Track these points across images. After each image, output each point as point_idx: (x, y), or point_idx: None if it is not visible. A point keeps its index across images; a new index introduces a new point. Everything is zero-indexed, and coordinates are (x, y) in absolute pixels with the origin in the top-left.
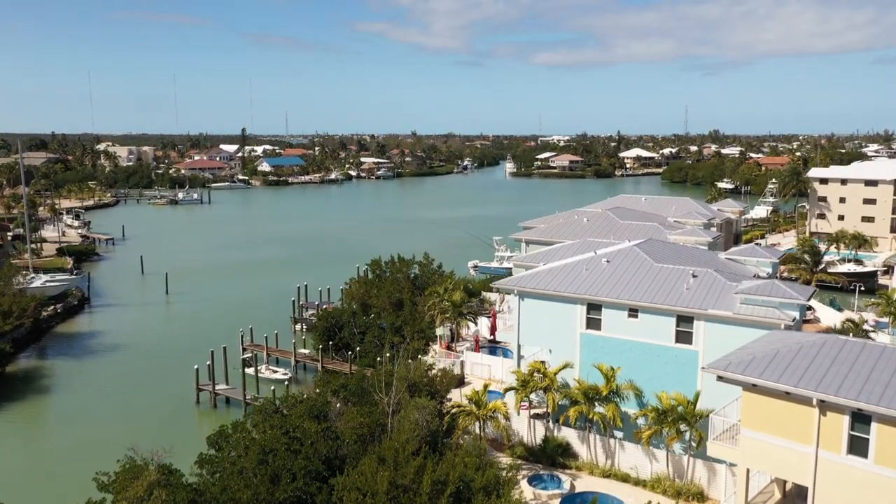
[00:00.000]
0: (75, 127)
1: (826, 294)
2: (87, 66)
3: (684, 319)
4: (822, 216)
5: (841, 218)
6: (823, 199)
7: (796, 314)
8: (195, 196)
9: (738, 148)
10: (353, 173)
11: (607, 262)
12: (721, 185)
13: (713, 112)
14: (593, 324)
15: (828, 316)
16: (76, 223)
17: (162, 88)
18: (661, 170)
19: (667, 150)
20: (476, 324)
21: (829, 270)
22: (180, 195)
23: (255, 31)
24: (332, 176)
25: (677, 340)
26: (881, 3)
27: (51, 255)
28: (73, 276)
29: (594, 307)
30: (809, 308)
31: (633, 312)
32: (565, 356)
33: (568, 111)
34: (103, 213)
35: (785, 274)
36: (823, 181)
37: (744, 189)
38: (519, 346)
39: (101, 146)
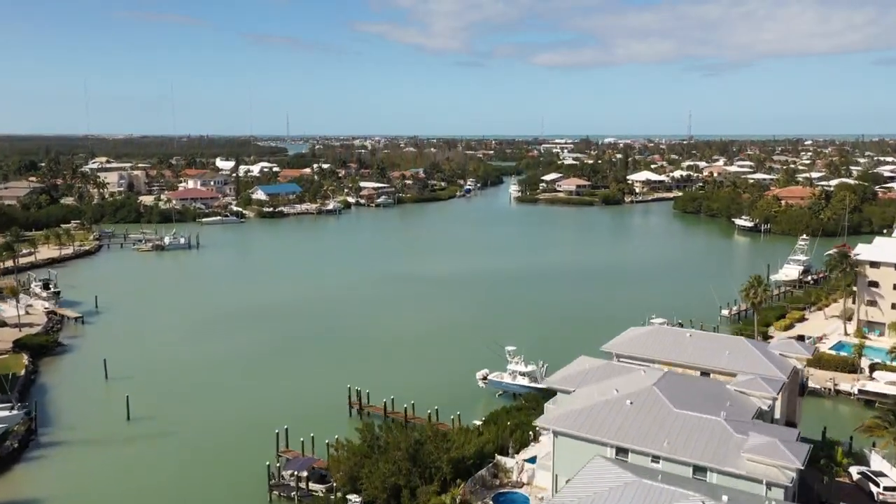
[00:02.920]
0: (74, 128)
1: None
2: (86, 66)
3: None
4: (872, 303)
5: (895, 307)
6: (874, 283)
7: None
8: (182, 241)
9: (749, 163)
10: (352, 200)
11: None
12: (739, 222)
13: (715, 112)
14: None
15: None
16: (45, 293)
17: (162, 89)
18: (671, 195)
19: (677, 174)
20: None
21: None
22: (166, 240)
23: (256, 31)
24: (330, 206)
25: None
26: (881, 3)
27: (5, 352)
28: (14, 413)
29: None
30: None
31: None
32: None
33: (570, 111)
34: (82, 267)
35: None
36: (874, 265)
37: (763, 227)
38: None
39: (95, 164)
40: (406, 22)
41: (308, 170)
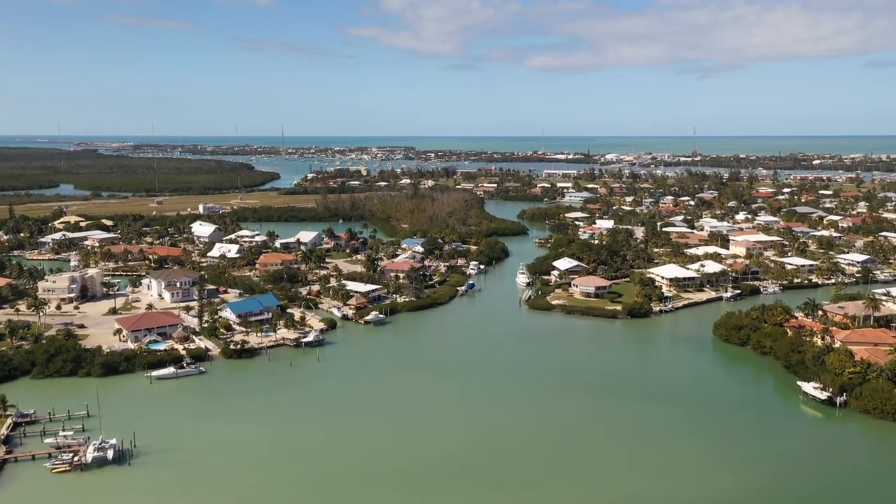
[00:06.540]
0: (72, 129)
1: None
2: (79, 69)
3: None
4: None
5: None
6: None
7: None
8: (110, 454)
9: (772, 218)
10: (339, 314)
11: None
12: (808, 388)
13: (711, 113)
14: None
15: None
16: None
17: (156, 93)
18: (704, 297)
19: (708, 266)
20: None
21: None
22: (90, 453)
23: (249, 36)
24: (310, 338)
25: None
26: (866, 7)
27: None
28: None
29: None
30: None
31: None
32: None
33: (567, 112)
34: None
35: None
36: None
37: (839, 400)
38: None
39: (61, 223)
40: (397, 26)
41: (291, 253)
